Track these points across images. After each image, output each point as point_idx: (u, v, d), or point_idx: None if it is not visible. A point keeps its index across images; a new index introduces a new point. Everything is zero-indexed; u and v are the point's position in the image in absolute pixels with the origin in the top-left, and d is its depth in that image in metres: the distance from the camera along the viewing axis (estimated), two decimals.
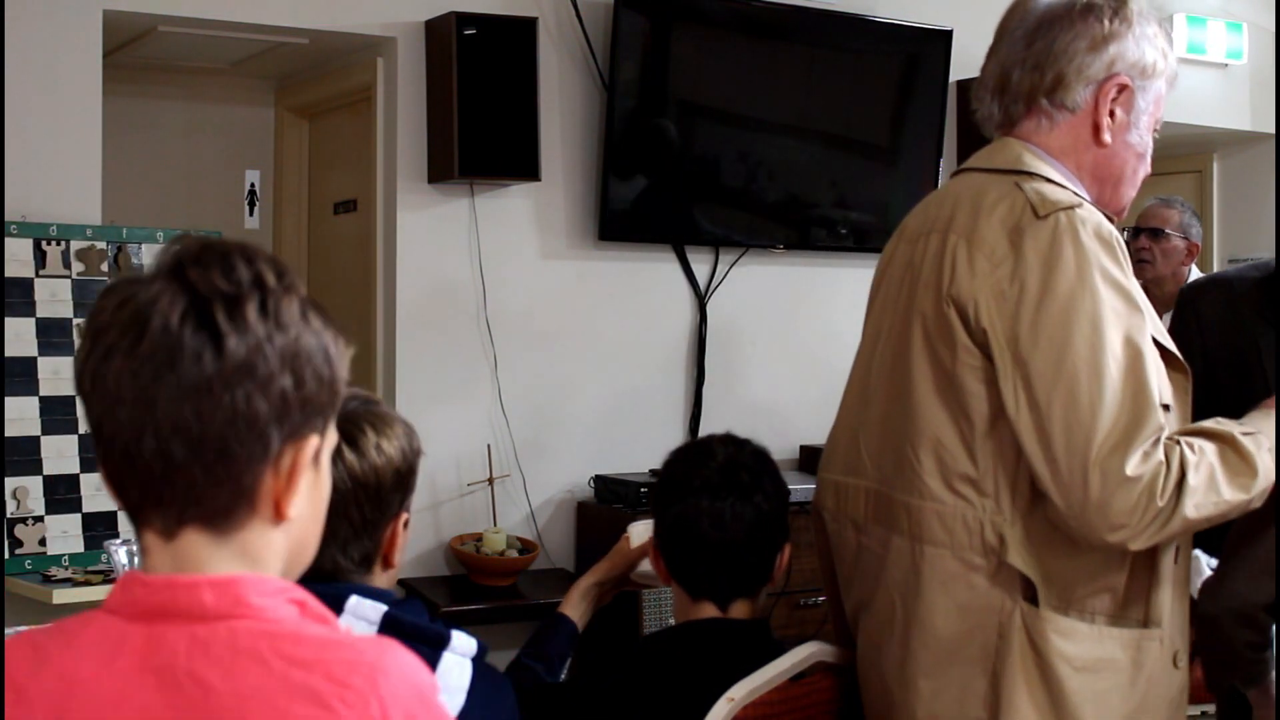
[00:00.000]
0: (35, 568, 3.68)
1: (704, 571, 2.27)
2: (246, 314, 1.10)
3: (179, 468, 1.10)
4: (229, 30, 4.31)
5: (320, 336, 1.14)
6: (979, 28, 5.31)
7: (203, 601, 1.10)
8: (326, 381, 1.15)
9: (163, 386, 1.08)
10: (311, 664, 1.07)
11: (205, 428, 1.09)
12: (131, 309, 1.10)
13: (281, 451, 1.13)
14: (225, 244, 1.15)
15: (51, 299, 3.78)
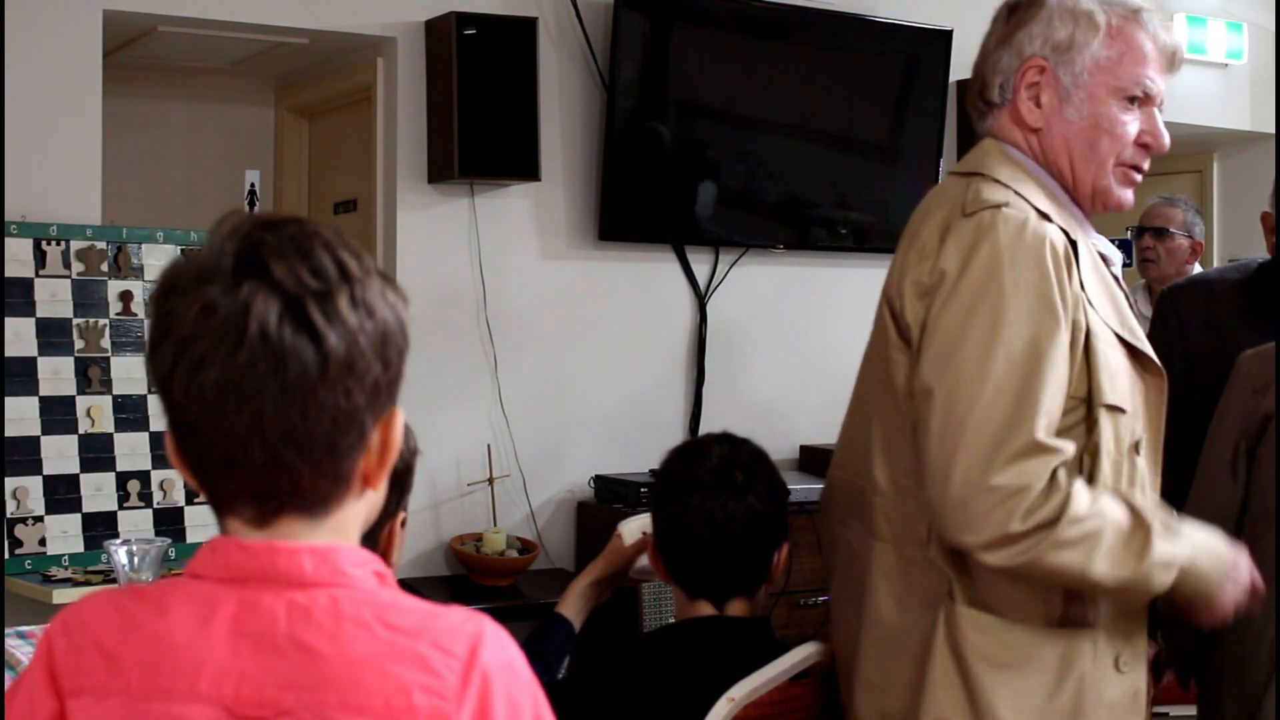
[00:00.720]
0: (35, 568, 3.68)
1: (701, 571, 2.27)
2: (340, 309, 1.09)
3: (287, 469, 1.10)
4: (229, 30, 4.31)
5: (397, 309, 1.14)
6: (979, 28, 5.30)
7: (303, 568, 1.10)
8: (404, 353, 1.15)
9: (268, 393, 1.07)
10: (417, 632, 1.09)
11: (313, 428, 1.09)
12: (221, 315, 1.08)
13: (373, 431, 1.13)
14: (298, 230, 1.13)
15: (51, 299, 3.78)
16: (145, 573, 2.06)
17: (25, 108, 3.83)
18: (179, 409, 1.11)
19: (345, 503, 1.14)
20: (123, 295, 3.88)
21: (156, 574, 2.08)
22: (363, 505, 1.17)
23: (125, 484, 3.83)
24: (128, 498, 3.83)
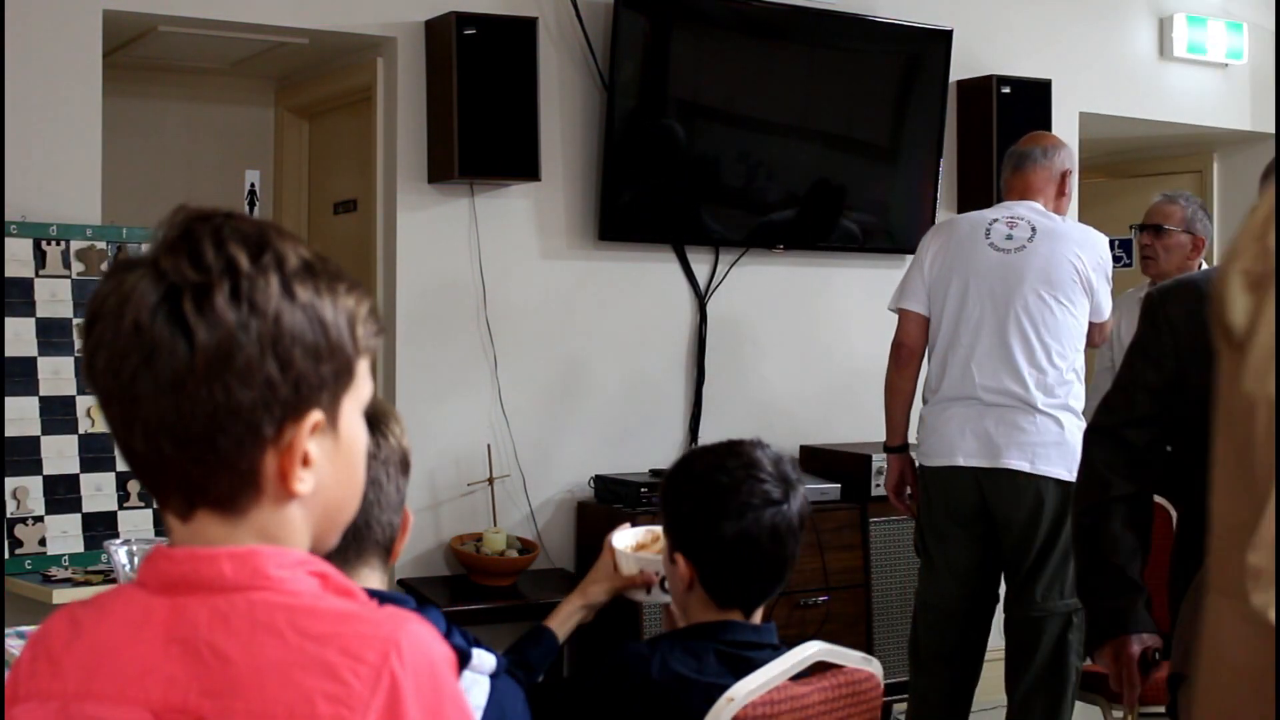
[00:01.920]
0: (35, 568, 3.68)
1: (754, 581, 2.22)
2: (216, 303, 1.06)
3: (170, 461, 1.09)
4: (229, 30, 4.32)
5: (310, 309, 1.09)
6: (979, 28, 5.36)
7: (222, 573, 1.10)
8: (324, 354, 1.10)
9: (141, 383, 1.07)
10: (326, 638, 1.07)
11: (188, 423, 1.07)
12: (115, 300, 1.08)
13: (280, 433, 1.10)
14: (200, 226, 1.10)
15: (51, 299, 3.78)
16: None
17: (25, 108, 3.83)
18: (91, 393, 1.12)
19: (262, 504, 1.11)
20: None
21: None
22: (299, 511, 1.14)
23: (125, 484, 3.83)
24: (128, 498, 3.83)
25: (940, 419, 3.91)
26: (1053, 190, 4.02)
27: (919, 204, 5.14)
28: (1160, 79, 5.93)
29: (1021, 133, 4.36)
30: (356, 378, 1.14)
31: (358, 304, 1.13)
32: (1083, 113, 5.67)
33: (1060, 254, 3.84)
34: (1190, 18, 5.92)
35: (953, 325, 3.92)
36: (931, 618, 3.99)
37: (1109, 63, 5.77)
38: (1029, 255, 3.85)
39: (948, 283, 3.93)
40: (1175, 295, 2.60)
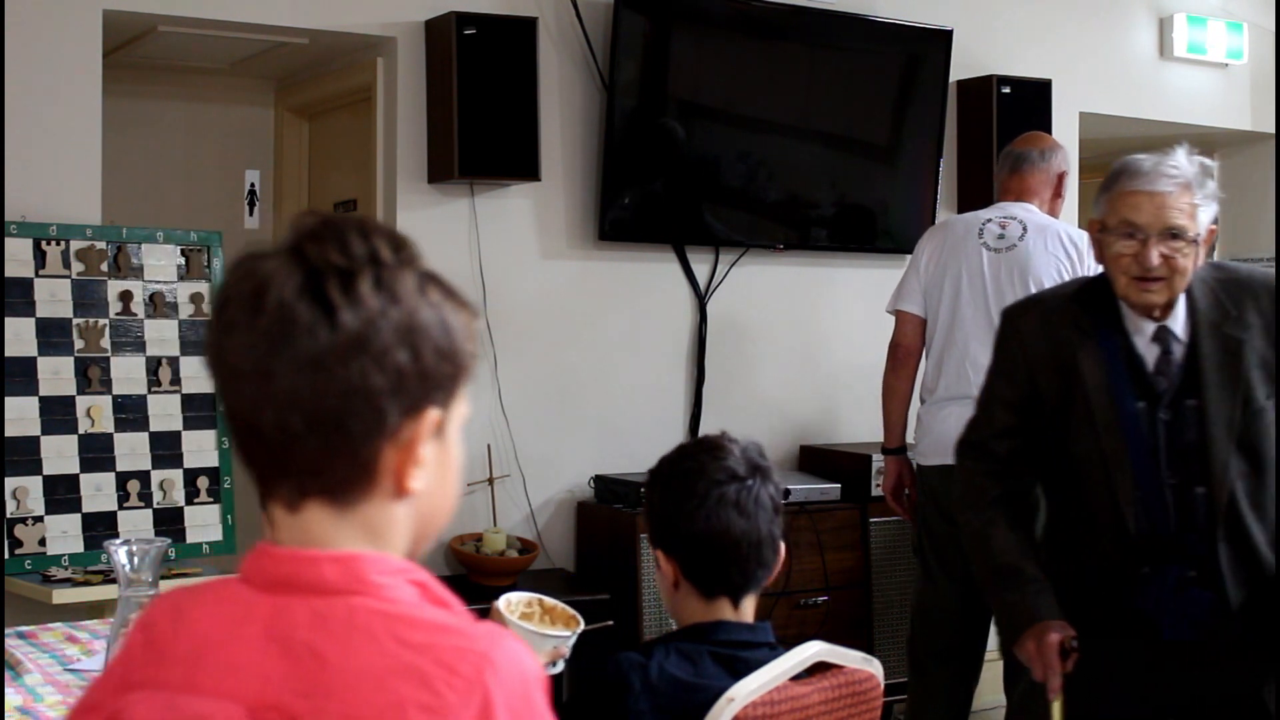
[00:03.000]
0: (35, 568, 3.68)
1: (732, 563, 2.24)
2: (360, 288, 1.10)
3: (297, 440, 1.11)
4: (229, 30, 4.32)
5: (439, 310, 1.14)
6: (979, 28, 5.36)
7: (324, 576, 1.11)
8: (446, 354, 1.14)
9: (279, 360, 1.09)
10: (423, 647, 1.08)
11: (321, 401, 1.10)
12: (251, 283, 1.11)
13: (400, 425, 1.12)
14: (343, 220, 1.15)
15: (51, 299, 3.78)
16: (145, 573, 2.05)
17: (25, 108, 3.84)
18: (214, 377, 1.15)
19: (373, 497, 1.14)
20: (123, 295, 3.88)
21: (156, 574, 2.07)
22: (405, 510, 1.17)
23: (125, 484, 3.83)
24: (128, 498, 3.83)
25: (936, 419, 3.92)
26: (1048, 192, 4.02)
27: (919, 204, 5.14)
28: (1160, 79, 5.93)
29: (1021, 133, 4.37)
30: (462, 389, 1.18)
31: (469, 322, 1.17)
32: (1083, 113, 5.67)
33: (1050, 252, 3.86)
34: (1190, 18, 5.92)
35: (948, 325, 3.93)
36: (930, 619, 3.99)
37: (1109, 63, 5.77)
38: (1019, 254, 3.87)
39: (942, 283, 3.95)
40: (1024, 312, 2.74)
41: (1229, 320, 2.57)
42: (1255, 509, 2.55)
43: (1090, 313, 2.62)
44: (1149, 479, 2.54)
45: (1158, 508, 2.54)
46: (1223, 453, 2.52)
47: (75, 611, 3.45)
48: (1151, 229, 2.49)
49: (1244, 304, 2.59)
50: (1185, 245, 2.49)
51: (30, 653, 2.63)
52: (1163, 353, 2.57)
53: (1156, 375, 2.57)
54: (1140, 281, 2.50)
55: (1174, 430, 2.55)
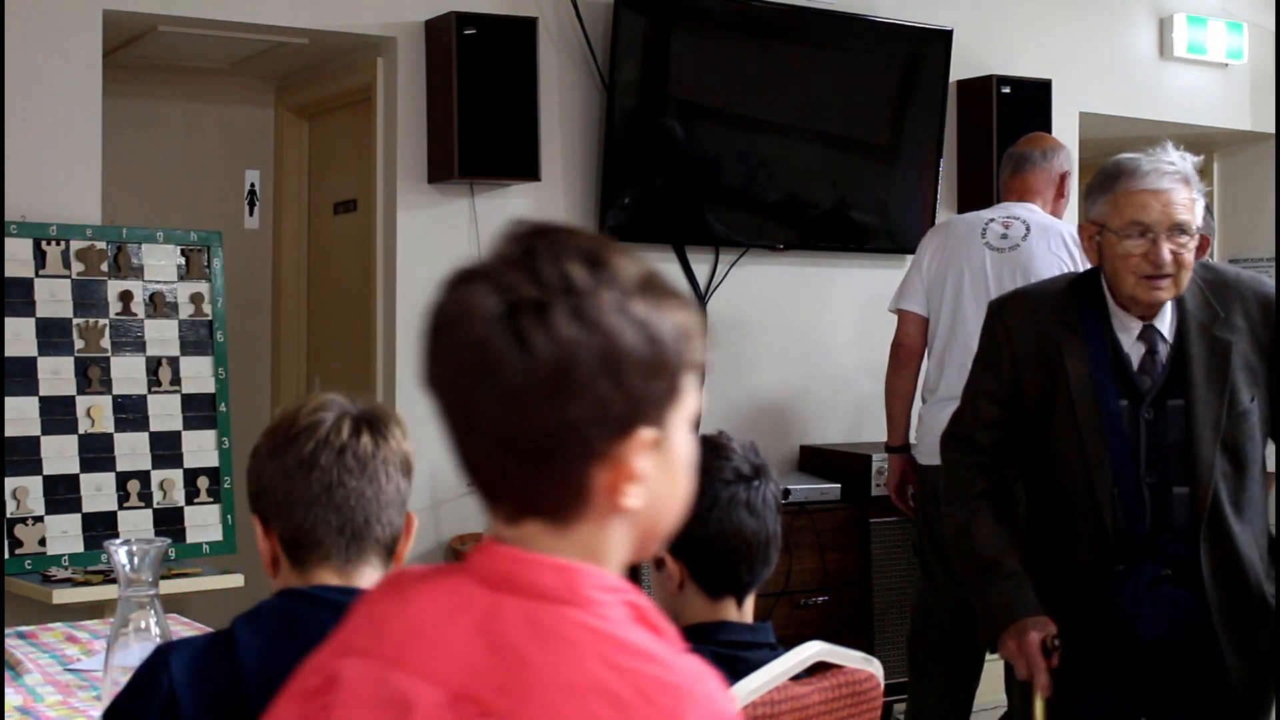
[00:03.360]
0: (35, 568, 3.68)
1: (740, 562, 2.24)
2: (554, 320, 1.07)
3: (503, 470, 1.11)
4: (229, 30, 4.32)
5: (644, 325, 1.10)
6: (979, 28, 5.36)
7: (542, 582, 1.11)
8: (656, 369, 1.11)
9: (479, 393, 1.09)
10: (625, 671, 1.08)
11: (526, 435, 1.08)
12: (456, 312, 1.10)
13: (609, 448, 1.10)
14: (539, 241, 1.11)
15: (51, 299, 3.78)
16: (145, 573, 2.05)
17: (25, 108, 3.83)
18: (431, 399, 1.14)
19: (589, 517, 1.13)
20: (123, 295, 3.88)
21: (156, 574, 2.07)
22: (623, 526, 1.15)
23: (125, 484, 3.82)
24: (128, 498, 3.83)
25: (938, 418, 3.90)
26: (1051, 192, 4.03)
27: (919, 204, 5.14)
28: (1160, 79, 5.93)
29: (1021, 133, 4.37)
30: (684, 393, 1.16)
31: (689, 320, 1.14)
32: (1083, 113, 5.67)
33: (1053, 252, 3.86)
34: (1190, 18, 5.92)
35: (949, 325, 3.93)
36: (930, 619, 3.99)
37: (1109, 63, 5.77)
38: (1022, 253, 3.87)
39: (944, 283, 3.95)
40: (1011, 305, 2.75)
41: (1217, 322, 2.59)
42: (1236, 509, 2.58)
43: (1077, 309, 2.63)
44: (1127, 477, 2.56)
45: (1134, 506, 2.57)
46: (1208, 453, 2.54)
47: (75, 611, 3.45)
48: (1160, 226, 2.51)
49: (1232, 306, 2.61)
50: (1189, 240, 2.52)
51: (30, 653, 2.63)
52: (1148, 352, 2.59)
53: (1140, 374, 2.59)
54: (1150, 280, 2.52)
55: (1156, 430, 2.57)
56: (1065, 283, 2.74)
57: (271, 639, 1.60)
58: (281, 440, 1.68)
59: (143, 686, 1.59)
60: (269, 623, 1.62)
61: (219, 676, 1.58)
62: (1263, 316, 2.62)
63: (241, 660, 1.58)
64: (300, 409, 1.70)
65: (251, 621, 1.62)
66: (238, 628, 1.62)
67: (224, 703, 1.57)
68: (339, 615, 1.60)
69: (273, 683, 1.57)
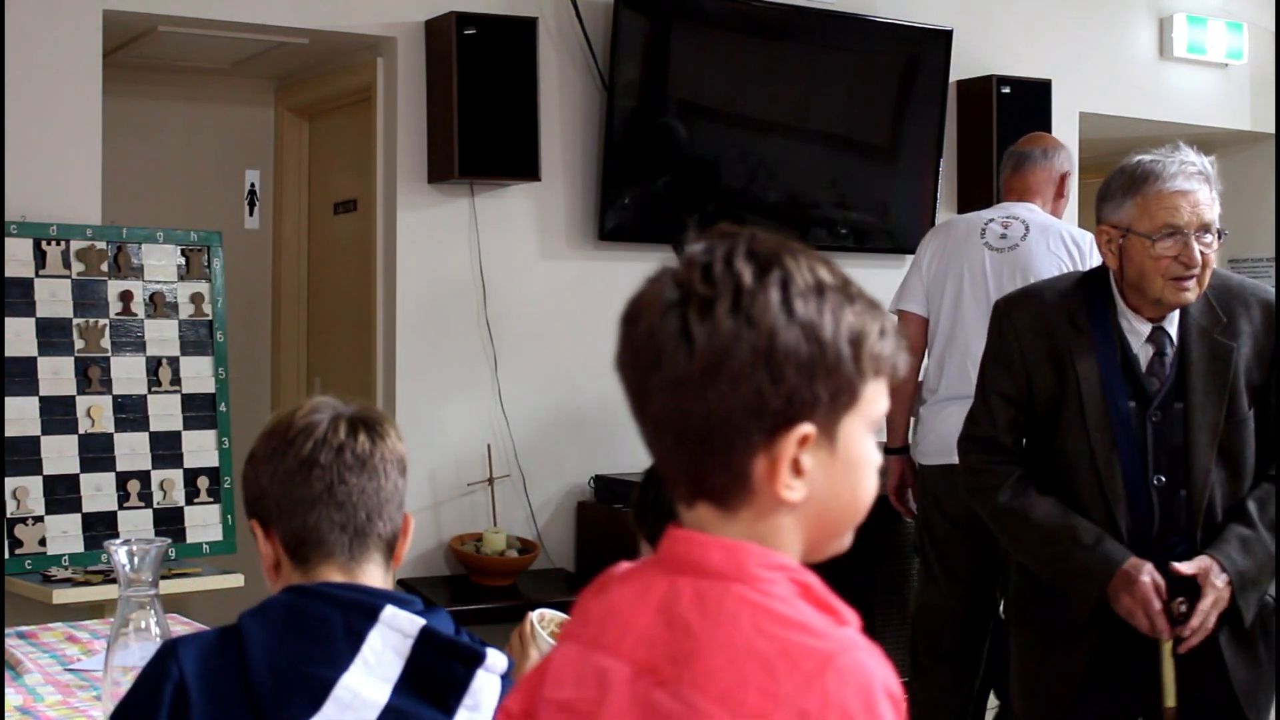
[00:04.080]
0: (35, 568, 3.68)
1: None
2: (716, 313, 1.15)
3: (672, 454, 1.21)
4: (229, 30, 4.32)
5: (809, 327, 1.16)
6: (979, 28, 5.35)
7: (711, 560, 1.20)
8: (820, 370, 1.16)
9: (651, 381, 1.18)
10: (775, 638, 1.16)
11: (687, 420, 1.17)
12: (640, 304, 1.21)
13: (771, 440, 1.17)
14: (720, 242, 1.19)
15: (51, 299, 3.78)
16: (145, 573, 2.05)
17: (25, 108, 3.84)
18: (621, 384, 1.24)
19: (753, 505, 1.20)
20: (123, 295, 3.88)
21: (156, 574, 2.07)
22: (790, 518, 1.21)
23: (125, 484, 3.83)
24: (128, 498, 3.83)
25: (938, 418, 3.92)
26: (1051, 192, 4.03)
27: (919, 204, 5.14)
28: (1160, 79, 5.93)
29: (1021, 133, 4.37)
30: (862, 398, 1.19)
31: (867, 325, 1.18)
32: (1083, 113, 5.67)
33: (1053, 251, 3.86)
34: (1190, 18, 5.92)
35: (949, 325, 3.93)
36: (930, 619, 3.99)
37: (1109, 63, 5.77)
38: (1021, 253, 3.87)
39: (944, 283, 3.95)
40: (1019, 305, 2.74)
41: (1219, 327, 2.60)
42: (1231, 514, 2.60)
43: (1086, 309, 2.63)
44: (1136, 479, 2.57)
45: (1143, 507, 2.57)
46: (1204, 457, 2.55)
47: (75, 611, 3.45)
48: (1190, 227, 2.51)
49: (1235, 312, 2.61)
50: (1214, 240, 2.53)
51: (30, 653, 2.63)
52: (1156, 354, 2.60)
53: (1149, 376, 2.59)
54: (1178, 281, 2.52)
55: (1162, 431, 2.58)
56: (1072, 282, 2.73)
57: (280, 634, 1.60)
58: (278, 444, 1.68)
59: (153, 678, 1.59)
60: (277, 618, 1.62)
61: (227, 670, 1.58)
62: (1265, 323, 2.62)
63: (249, 655, 1.58)
64: (294, 412, 1.71)
65: (259, 616, 1.63)
66: (245, 622, 1.62)
67: (232, 697, 1.57)
68: (345, 611, 1.62)
69: (280, 678, 1.57)
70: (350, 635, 1.61)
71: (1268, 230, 6.05)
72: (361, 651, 1.60)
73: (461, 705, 1.63)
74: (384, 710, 1.59)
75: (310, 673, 1.58)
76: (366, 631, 1.61)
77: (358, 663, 1.59)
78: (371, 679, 1.59)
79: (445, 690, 1.63)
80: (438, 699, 1.62)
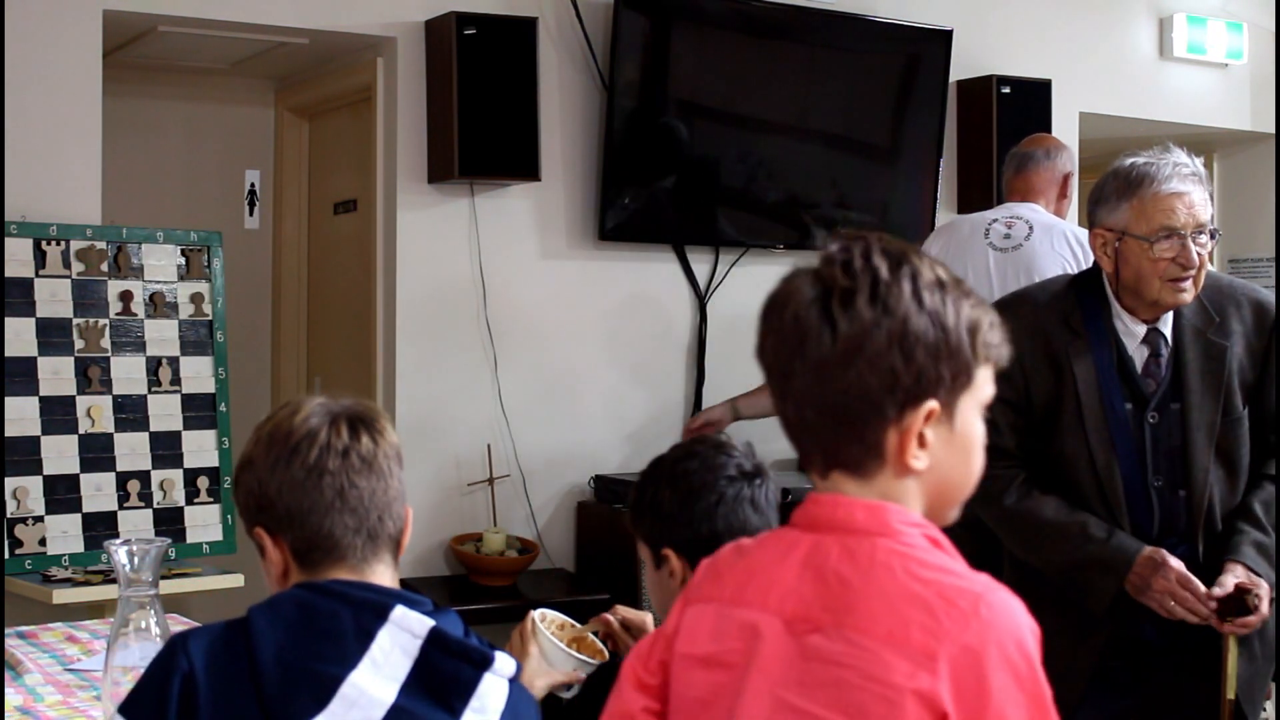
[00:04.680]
0: (35, 568, 3.68)
1: None
2: (857, 303, 1.31)
3: (813, 426, 1.36)
4: (229, 30, 4.32)
5: (935, 315, 1.32)
6: (979, 28, 5.35)
7: (855, 518, 1.35)
8: (944, 354, 1.32)
9: (795, 363, 1.34)
10: (928, 582, 1.30)
11: (827, 397, 1.33)
12: (782, 296, 1.36)
13: (899, 415, 1.33)
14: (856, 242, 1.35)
15: (51, 299, 3.78)
16: (145, 573, 2.05)
17: (25, 108, 3.83)
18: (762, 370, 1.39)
19: (884, 471, 1.36)
20: (123, 295, 3.88)
21: (156, 574, 2.07)
22: (915, 484, 1.37)
23: (125, 484, 3.83)
24: (128, 498, 3.83)
25: None
26: (1054, 192, 4.03)
27: (919, 204, 5.14)
28: (1160, 79, 5.93)
29: (1022, 133, 4.37)
30: (975, 381, 1.37)
31: (980, 317, 1.37)
32: (1083, 113, 5.67)
33: (1057, 251, 3.85)
34: (1190, 18, 5.92)
35: None
36: None
37: (1109, 63, 5.77)
38: (1025, 253, 3.86)
39: None
40: (1013, 308, 2.72)
41: (1213, 327, 2.60)
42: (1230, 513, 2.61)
43: (1080, 311, 2.63)
44: (1135, 480, 2.57)
45: (1142, 509, 2.58)
46: (1202, 457, 2.56)
47: (75, 611, 3.45)
48: (1187, 229, 2.52)
49: (1227, 311, 2.61)
50: (1209, 240, 2.53)
51: (30, 653, 2.63)
52: (1151, 355, 2.61)
53: (1145, 377, 2.60)
54: (1175, 282, 2.53)
55: (1160, 433, 2.58)
56: (1063, 284, 2.73)
57: (289, 630, 1.60)
58: (281, 452, 1.67)
59: (162, 670, 1.59)
60: (287, 614, 1.62)
61: (235, 664, 1.58)
62: (1256, 322, 2.63)
63: (258, 649, 1.58)
64: (291, 417, 1.70)
65: (269, 611, 1.62)
66: (255, 617, 1.62)
67: (240, 690, 1.57)
68: (356, 609, 1.62)
69: (288, 673, 1.57)
70: (360, 633, 1.61)
71: (1268, 230, 6.05)
72: (370, 650, 1.60)
73: (468, 708, 1.62)
74: (390, 709, 1.59)
75: (318, 669, 1.58)
76: (376, 630, 1.61)
77: (366, 661, 1.59)
78: (379, 678, 1.59)
79: (452, 692, 1.62)
80: (444, 700, 1.62)
